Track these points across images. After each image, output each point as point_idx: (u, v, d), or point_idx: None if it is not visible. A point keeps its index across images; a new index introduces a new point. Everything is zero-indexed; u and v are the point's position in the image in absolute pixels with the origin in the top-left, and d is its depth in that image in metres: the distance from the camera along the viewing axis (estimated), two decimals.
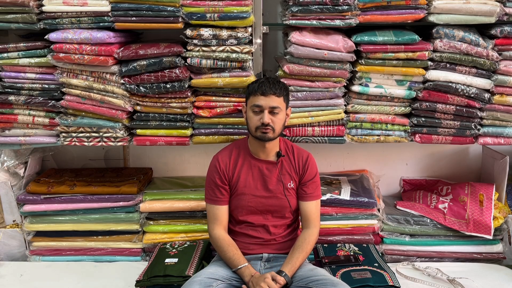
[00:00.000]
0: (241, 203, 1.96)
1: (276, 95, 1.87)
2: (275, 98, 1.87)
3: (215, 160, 2.01)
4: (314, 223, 1.98)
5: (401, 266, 2.24)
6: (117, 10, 2.00)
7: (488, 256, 2.40)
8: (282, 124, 1.92)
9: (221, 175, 1.97)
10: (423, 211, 2.44)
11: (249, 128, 1.93)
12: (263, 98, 1.86)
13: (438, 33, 2.10)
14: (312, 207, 1.99)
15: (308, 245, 1.92)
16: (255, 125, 1.89)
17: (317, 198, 2.02)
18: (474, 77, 2.16)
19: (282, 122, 1.92)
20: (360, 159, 2.77)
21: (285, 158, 2.00)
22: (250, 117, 1.91)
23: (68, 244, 2.45)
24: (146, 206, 2.40)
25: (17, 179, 2.47)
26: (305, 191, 1.99)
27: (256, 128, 1.89)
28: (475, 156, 2.77)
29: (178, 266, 2.03)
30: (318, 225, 2.01)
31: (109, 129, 2.21)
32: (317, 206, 2.01)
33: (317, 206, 2.01)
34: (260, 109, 1.87)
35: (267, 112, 1.87)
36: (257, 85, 1.89)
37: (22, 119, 2.20)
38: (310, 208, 1.99)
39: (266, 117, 1.86)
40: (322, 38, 2.10)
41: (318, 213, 2.01)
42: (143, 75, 2.07)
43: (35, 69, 2.13)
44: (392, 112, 2.25)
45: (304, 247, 1.91)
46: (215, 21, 2.01)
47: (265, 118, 1.86)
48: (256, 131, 1.89)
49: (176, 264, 2.06)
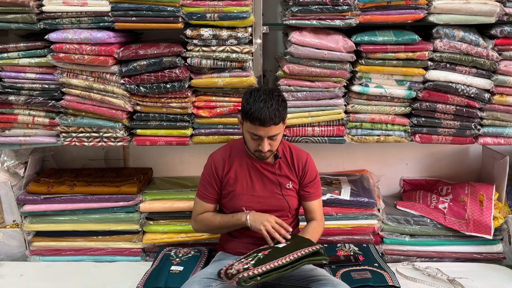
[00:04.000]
0: (239, 203, 1.96)
1: (275, 124, 1.77)
2: (274, 128, 1.77)
3: (211, 159, 2.01)
4: (320, 217, 2.04)
5: (401, 266, 2.24)
6: (117, 10, 2.00)
7: (488, 256, 2.40)
8: (280, 141, 1.90)
9: (214, 175, 1.97)
10: (423, 211, 2.44)
11: (246, 146, 1.91)
12: (262, 128, 1.76)
13: (438, 33, 2.10)
14: (316, 205, 2.03)
15: (317, 233, 1.96)
16: (253, 148, 1.86)
17: (320, 196, 2.06)
18: (474, 77, 2.16)
19: (280, 140, 1.88)
20: (360, 159, 2.77)
21: (283, 160, 2.00)
22: (248, 139, 1.86)
23: (68, 244, 2.45)
24: (146, 206, 2.40)
25: (17, 179, 2.47)
26: (308, 192, 2.01)
27: (255, 150, 1.87)
28: (475, 156, 2.77)
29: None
30: (323, 220, 2.06)
31: (109, 129, 2.21)
32: (320, 203, 2.06)
33: (320, 203, 2.06)
34: (258, 137, 1.80)
35: (266, 140, 1.80)
36: (256, 113, 1.73)
37: (22, 119, 2.20)
38: (314, 206, 2.02)
39: (266, 146, 1.80)
40: (322, 38, 2.10)
41: (321, 209, 2.07)
42: (143, 75, 2.07)
43: (35, 69, 2.13)
44: (392, 112, 2.25)
45: (315, 234, 1.94)
46: (215, 21, 2.01)
47: (264, 147, 1.80)
48: (255, 152, 1.88)
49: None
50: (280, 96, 1.82)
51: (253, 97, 1.78)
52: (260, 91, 1.80)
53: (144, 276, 2.04)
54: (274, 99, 1.77)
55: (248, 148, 1.92)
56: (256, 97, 1.77)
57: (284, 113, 1.81)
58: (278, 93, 1.83)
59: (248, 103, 1.77)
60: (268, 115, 1.73)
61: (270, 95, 1.78)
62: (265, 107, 1.74)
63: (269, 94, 1.78)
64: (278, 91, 1.86)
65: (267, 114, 1.73)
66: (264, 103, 1.75)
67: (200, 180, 2.03)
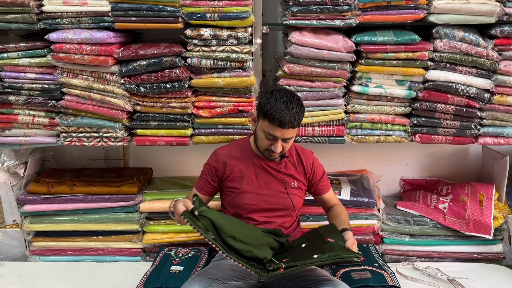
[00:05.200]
0: (244, 201, 1.96)
1: (293, 127, 1.78)
2: (291, 131, 1.79)
3: (214, 157, 2.02)
4: (338, 201, 2.11)
5: (401, 266, 2.24)
6: (117, 10, 2.00)
7: (488, 256, 2.40)
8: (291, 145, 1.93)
9: (213, 172, 1.99)
10: (423, 211, 2.44)
11: (257, 144, 1.92)
12: (280, 130, 1.77)
13: (438, 33, 2.10)
14: (331, 194, 2.10)
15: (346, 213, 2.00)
16: (264, 147, 1.87)
17: (330, 186, 2.12)
18: (474, 77, 2.16)
19: (291, 144, 1.91)
20: (360, 159, 2.77)
21: (289, 158, 2.01)
22: (261, 138, 1.86)
23: (68, 244, 2.45)
24: (146, 206, 2.40)
25: (17, 179, 2.47)
26: (321, 186, 2.07)
27: (265, 149, 1.88)
28: (475, 156, 2.77)
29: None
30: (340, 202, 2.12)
31: (109, 129, 2.21)
32: (332, 191, 2.13)
33: (332, 191, 2.12)
34: (273, 137, 1.81)
35: (280, 141, 1.81)
36: (277, 113, 1.73)
37: (22, 119, 2.20)
38: (329, 196, 2.09)
39: (279, 147, 1.82)
40: (322, 38, 2.10)
41: (336, 196, 2.14)
42: (143, 75, 2.07)
43: (35, 69, 2.13)
44: (392, 112, 2.25)
45: (343, 213, 1.99)
46: (215, 21, 2.01)
47: (277, 148, 1.81)
48: (264, 151, 1.89)
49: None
50: (300, 101, 1.82)
51: (274, 97, 1.77)
52: (281, 92, 1.81)
53: (144, 276, 2.04)
54: (294, 103, 1.77)
55: (258, 146, 1.92)
56: (278, 97, 1.77)
57: (302, 118, 1.83)
58: (297, 97, 1.84)
59: (269, 103, 1.77)
60: (289, 118, 1.74)
61: (291, 98, 1.79)
62: (286, 109, 1.74)
63: (290, 96, 1.79)
64: (297, 95, 1.86)
65: (288, 116, 1.74)
66: (286, 105, 1.75)
67: (201, 172, 2.04)
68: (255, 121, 1.92)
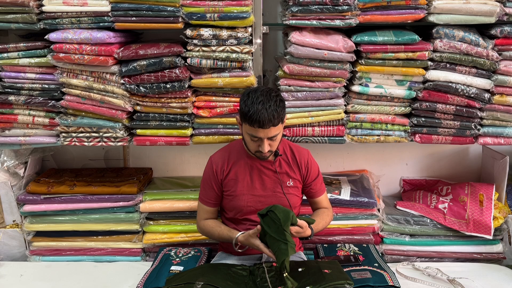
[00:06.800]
0: (240, 203, 1.96)
1: (274, 125, 1.75)
2: (273, 129, 1.76)
3: (210, 162, 2.01)
4: (328, 206, 2.11)
5: (401, 266, 2.24)
6: (117, 10, 2.00)
7: (488, 256, 2.40)
8: (280, 141, 1.90)
9: (215, 176, 1.98)
10: (423, 211, 2.44)
11: (246, 146, 1.92)
12: (262, 130, 1.74)
13: (438, 33, 2.10)
14: (323, 198, 2.10)
15: (328, 217, 2.02)
16: (253, 149, 1.86)
17: (325, 190, 2.12)
18: (474, 77, 2.16)
19: (279, 140, 1.88)
20: (360, 159, 2.77)
21: (283, 157, 2.00)
22: (248, 141, 1.85)
23: (68, 244, 2.45)
24: (146, 206, 2.40)
25: (17, 179, 2.47)
26: (314, 189, 2.05)
27: (255, 151, 1.87)
28: (475, 156, 2.77)
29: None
30: (331, 209, 2.13)
31: (109, 129, 2.21)
32: (326, 195, 2.13)
33: (326, 195, 2.12)
34: (258, 138, 1.79)
35: (266, 141, 1.79)
36: (254, 115, 1.71)
37: (22, 119, 2.20)
38: (321, 200, 2.09)
39: (266, 147, 1.80)
40: (322, 38, 2.10)
41: (328, 200, 2.14)
42: (143, 75, 2.07)
43: (35, 69, 2.13)
44: (392, 112, 2.25)
45: (325, 217, 2.00)
46: (215, 21, 2.01)
47: (265, 148, 1.80)
48: (256, 153, 1.88)
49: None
50: (278, 96, 1.80)
51: (250, 99, 1.75)
52: (258, 92, 1.78)
53: (144, 276, 2.04)
54: (272, 100, 1.75)
55: (248, 149, 1.92)
56: (254, 98, 1.75)
57: (282, 113, 1.79)
58: (275, 93, 1.81)
59: (246, 105, 1.75)
60: (267, 117, 1.71)
61: (268, 96, 1.76)
62: (263, 109, 1.71)
63: (266, 95, 1.76)
64: (276, 91, 1.84)
65: (266, 116, 1.71)
66: (262, 105, 1.72)
67: (201, 184, 2.04)
68: (240, 124, 1.88)
